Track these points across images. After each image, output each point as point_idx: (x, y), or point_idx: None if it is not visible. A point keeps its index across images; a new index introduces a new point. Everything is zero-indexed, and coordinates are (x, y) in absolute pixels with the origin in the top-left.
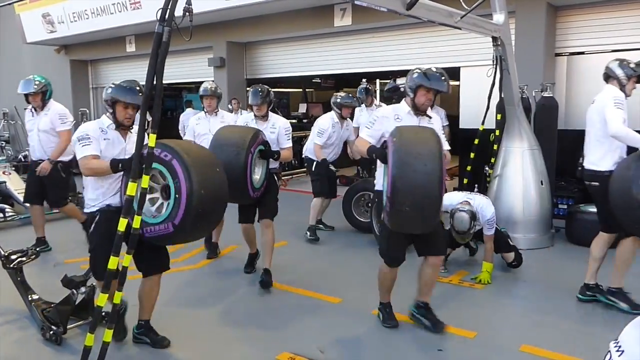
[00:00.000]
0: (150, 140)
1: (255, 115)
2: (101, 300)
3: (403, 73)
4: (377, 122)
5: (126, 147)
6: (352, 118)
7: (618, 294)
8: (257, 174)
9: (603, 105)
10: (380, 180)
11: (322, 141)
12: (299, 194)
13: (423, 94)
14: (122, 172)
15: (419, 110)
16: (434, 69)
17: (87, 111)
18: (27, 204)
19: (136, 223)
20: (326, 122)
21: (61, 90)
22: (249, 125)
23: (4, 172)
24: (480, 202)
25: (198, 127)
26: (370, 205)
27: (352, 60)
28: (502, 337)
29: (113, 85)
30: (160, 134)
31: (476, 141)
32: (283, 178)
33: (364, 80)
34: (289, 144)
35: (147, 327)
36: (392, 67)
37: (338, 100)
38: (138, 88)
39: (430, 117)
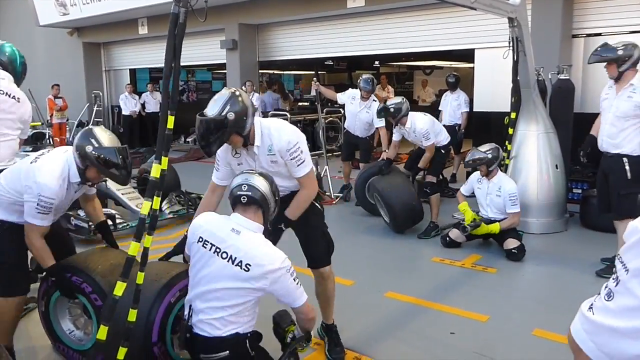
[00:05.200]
0: (169, 122)
1: (362, 96)
2: (118, 289)
3: (416, 55)
4: None
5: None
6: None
7: None
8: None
9: None
10: None
11: None
12: None
13: None
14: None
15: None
16: None
17: (100, 93)
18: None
19: (155, 204)
20: None
21: (74, 73)
22: (355, 100)
23: None
24: (501, 176)
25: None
26: None
27: (365, 42)
28: (515, 321)
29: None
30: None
31: (511, 130)
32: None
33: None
34: (382, 123)
35: None
36: (406, 50)
37: None
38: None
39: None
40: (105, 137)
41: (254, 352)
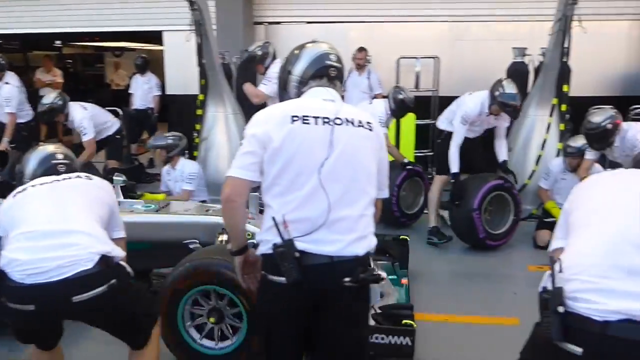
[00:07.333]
0: None
1: None
2: None
3: (102, 35)
4: None
5: None
6: None
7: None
8: None
9: None
10: None
11: None
12: None
13: None
14: None
15: None
16: None
17: None
18: None
19: None
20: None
21: None
22: None
23: None
24: (183, 161)
25: None
26: None
27: (41, 19)
28: None
29: None
30: None
31: (200, 112)
32: None
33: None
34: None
35: None
36: (89, 29)
37: None
38: None
39: None
40: None
41: None
